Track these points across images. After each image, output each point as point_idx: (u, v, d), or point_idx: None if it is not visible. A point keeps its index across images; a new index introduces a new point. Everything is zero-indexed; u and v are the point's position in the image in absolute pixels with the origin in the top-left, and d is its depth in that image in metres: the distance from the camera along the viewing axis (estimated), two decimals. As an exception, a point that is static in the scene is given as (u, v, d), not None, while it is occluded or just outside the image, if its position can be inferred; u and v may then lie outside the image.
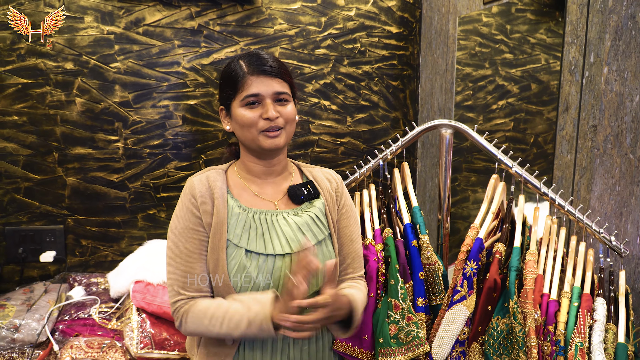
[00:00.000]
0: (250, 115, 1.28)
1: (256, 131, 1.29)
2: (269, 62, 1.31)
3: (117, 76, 2.48)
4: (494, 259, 1.38)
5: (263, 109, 1.28)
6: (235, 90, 1.30)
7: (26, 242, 2.53)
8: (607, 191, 1.67)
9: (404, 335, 1.38)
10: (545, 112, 3.13)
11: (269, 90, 1.28)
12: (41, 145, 2.46)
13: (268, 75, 1.28)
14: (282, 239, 1.29)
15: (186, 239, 1.28)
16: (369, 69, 2.78)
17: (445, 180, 1.58)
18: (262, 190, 1.37)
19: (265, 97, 1.28)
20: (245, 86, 1.28)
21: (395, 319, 1.38)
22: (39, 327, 2.19)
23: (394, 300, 1.39)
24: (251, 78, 1.28)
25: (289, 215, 1.33)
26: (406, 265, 1.45)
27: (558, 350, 1.28)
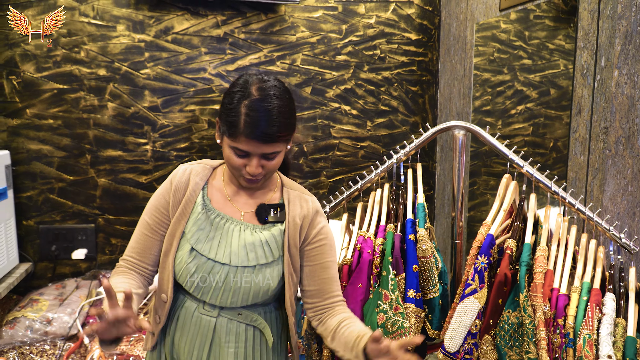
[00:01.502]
0: (236, 161, 1.27)
1: (238, 173, 1.30)
2: (265, 127, 1.23)
3: (147, 82, 2.60)
4: (504, 255, 1.43)
5: (247, 162, 1.27)
6: (229, 135, 1.26)
7: (59, 240, 2.65)
8: (620, 191, 1.71)
9: (390, 325, 1.44)
10: (564, 116, 3.15)
11: (257, 151, 1.25)
12: (75, 148, 2.58)
13: (261, 142, 1.23)
14: (227, 250, 1.31)
15: (150, 215, 1.37)
16: (388, 74, 2.85)
17: (458, 179, 1.64)
18: (235, 196, 1.39)
19: (253, 155, 1.26)
20: (238, 141, 1.24)
21: (383, 309, 1.45)
22: (70, 321, 2.30)
23: (384, 290, 1.46)
24: (245, 139, 1.23)
25: (245, 230, 1.34)
26: (399, 258, 1.51)
27: (567, 342, 1.33)
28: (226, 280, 1.31)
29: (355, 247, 1.56)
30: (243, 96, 1.25)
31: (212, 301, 1.34)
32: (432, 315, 1.52)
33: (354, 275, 1.50)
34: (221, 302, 1.34)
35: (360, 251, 1.53)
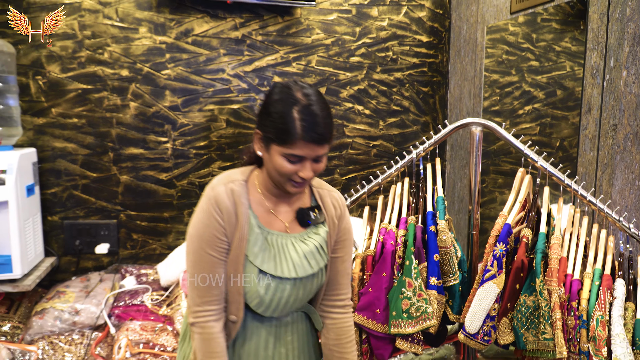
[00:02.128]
0: (289, 168, 1.28)
1: (287, 180, 1.31)
2: (321, 129, 1.27)
3: (168, 82, 2.69)
4: (521, 243, 1.52)
5: (301, 167, 1.28)
6: (281, 142, 1.26)
7: (82, 235, 2.74)
8: (628, 185, 1.80)
9: (414, 310, 1.53)
10: (570, 117, 3.24)
11: (312, 154, 1.28)
12: (98, 146, 2.67)
13: (317, 144, 1.26)
14: (290, 264, 1.34)
15: (212, 246, 1.30)
16: (400, 75, 2.94)
17: (475, 174, 1.73)
18: (277, 208, 1.39)
19: (307, 159, 1.28)
20: (294, 147, 1.25)
21: (407, 295, 1.54)
22: (97, 311, 2.38)
23: (408, 278, 1.55)
24: (302, 143, 1.25)
25: (297, 241, 1.37)
26: (421, 248, 1.60)
27: (581, 324, 1.42)
28: (292, 292, 1.35)
29: (378, 239, 1.65)
30: (291, 103, 1.26)
31: (277, 314, 1.38)
32: (453, 301, 1.61)
33: (378, 265, 1.59)
34: (285, 312, 1.39)
35: (383, 242, 1.62)
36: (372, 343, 1.61)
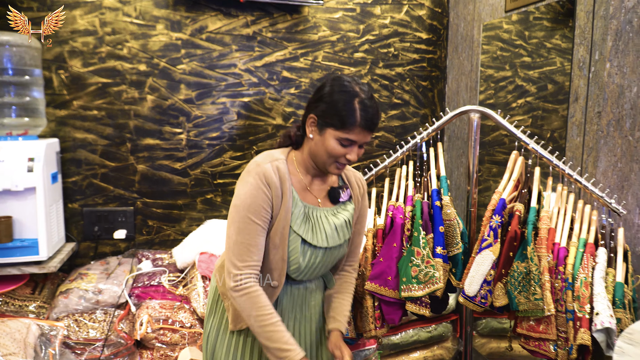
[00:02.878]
0: (339, 151, 1.45)
1: (333, 161, 1.48)
2: (377, 120, 1.46)
3: (183, 76, 2.85)
4: (514, 216, 1.69)
5: (349, 150, 1.46)
6: (340, 126, 1.42)
7: (101, 222, 2.90)
8: (610, 167, 1.98)
9: (422, 276, 1.71)
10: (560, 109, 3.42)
11: (362, 140, 1.46)
12: (116, 137, 2.83)
13: (369, 131, 1.45)
14: (324, 235, 1.53)
15: (257, 215, 1.43)
16: (401, 70, 3.12)
17: (473, 156, 1.91)
18: (312, 185, 1.57)
19: (356, 144, 1.46)
20: (352, 132, 1.42)
21: (416, 263, 1.71)
22: (119, 291, 2.54)
23: (416, 248, 1.72)
24: (359, 129, 1.42)
25: (329, 215, 1.56)
26: (428, 221, 1.78)
27: (567, 286, 1.59)
28: (322, 259, 1.54)
29: (387, 214, 1.82)
30: (353, 95, 1.43)
31: (307, 277, 1.56)
32: (456, 269, 1.78)
33: (388, 237, 1.76)
34: (312, 277, 1.58)
35: (392, 217, 1.79)
36: (383, 309, 1.78)
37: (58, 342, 2.29)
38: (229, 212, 1.48)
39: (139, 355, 2.49)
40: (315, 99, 1.49)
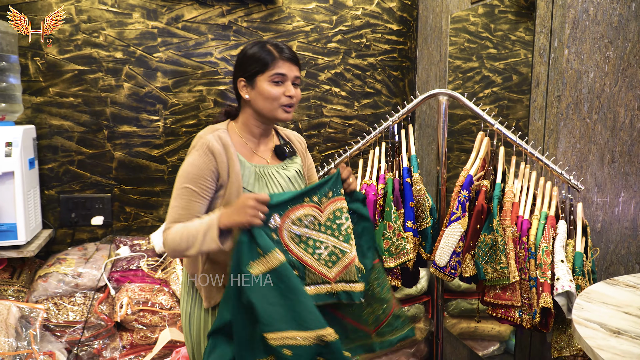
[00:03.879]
0: (277, 91, 1.56)
1: (277, 104, 1.57)
2: (292, 51, 1.61)
3: (159, 65, 2.89)
4: (481, 191, 1.81)
5: (286, 88, 1.57)
6: (265, 68, 1.55)
7: (78, 209, 2.92)
8: (570, 148, 2.11)
9: (394, 248, 1.81)
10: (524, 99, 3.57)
11: (291, 74, 1.59)
12: (93, 124, 2.86)
13: (292, 62, 1.60)
14: (280, 188, 1.63)
15: (195, 183, 1.51)
16: (373, 60, 3.22)
17: (442, 138, 2.02)
18: (258, 147, 1.66)
19: (288, 78, 1.58)
20: (276, 67, 1.56)
21: (388, 236, 1.81)
22: (98, 274, 2.58)
23: (388, 222, 1.82)
24: (281, 62, 1.56)
25: (279, 169, 1.66)
26: (399, 197, 1.88)
27: (530, 255, 1.71)
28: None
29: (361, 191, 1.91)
30: (264, 43, 1.61)
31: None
32: (425, 242, 1.89)
33: (362, 212, 1.86)
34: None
35: (365, 194, 1.89)
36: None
37: (38, 324, 2.32)
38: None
39: (119, 337, 2.54)
40: (236, 66, 1.64)
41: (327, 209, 1.55)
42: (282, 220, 1.49)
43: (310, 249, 1.52)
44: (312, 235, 1.53)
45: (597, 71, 2.11)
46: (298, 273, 1.50)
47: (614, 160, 2.18)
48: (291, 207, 1.51)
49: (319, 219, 1.54)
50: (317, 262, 1.52)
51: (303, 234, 1.52)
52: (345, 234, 1.54)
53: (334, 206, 1.56)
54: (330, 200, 1.56)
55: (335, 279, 1.52)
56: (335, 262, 1.53)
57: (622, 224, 2.23)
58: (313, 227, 1.53)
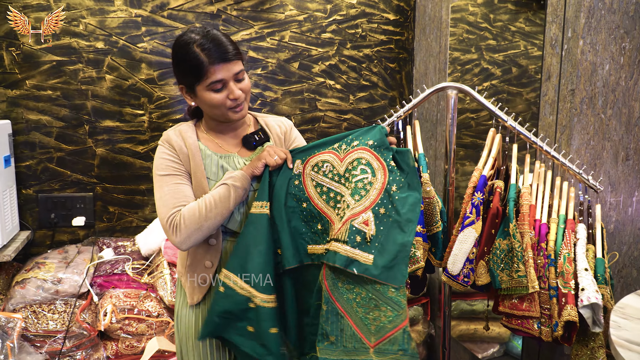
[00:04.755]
0: (219, 98, 1.45)
1: (225, 109, 1.47)
2: (227, 47, 1.43)
3: (144, 55, 2.72)
4: (495, 193, 1.68)
5: (228, 91, 1.45)
6: (199, 78, 1.43)
7: (58, 209, 2.74)
8: (584, 145, 1.99)
9: None
10: (524, 93, 3.47)
11: (230, 74, 1.44)
12: (73, 118, 2.68)
13: (226, 62, 1.43)
14: None
15: (171, 170, 1.49)
16: (369, 52, 3.07)
17: (450, 134, 1.88)
18: (224, 141, 1.58)
19: (228, 80, 1.45)
20: (209, 74, 1.41)
21: None
22: (80, 280, 2.41)
23: None
24: (213, 67, 1.40)
25: (248, 161, 1.55)
26: None
27: (549, 262, 1.59)
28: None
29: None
30: (187, 44, 1.44)
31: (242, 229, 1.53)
32: (436, 248, 1.76)
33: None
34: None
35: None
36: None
37: (16, 335, 2.15)
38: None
39: (103, 347, 2.38)
40: (173, 70, 1.54)
41: (347, 158, 1.47)
42: (304, 165, 1.49)
43: (332, 202, 1.47)
44: (333, 186, 1.47)
45: (613, 63, 1.99)
46: (321, 226, 1.48)
47: (628, 157, 2.07)
48: (316, 153, 1.50)
49: (337, 168, 1.47)
50: (336, 216, 1.45)
51: (324, 183, 1.48)
52: (354, 187, 1.44)
53: (353, 155, 1.47)
54: (353, 149, 1.48)
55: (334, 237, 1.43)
56: (342, 217, 1.43)
57: (636, 225, 2.13)
58: (332, 176, 1.47)
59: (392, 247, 1.39)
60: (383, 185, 1.44)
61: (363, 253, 1.39)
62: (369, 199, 1.43)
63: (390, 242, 1.40)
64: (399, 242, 1.39)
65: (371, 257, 1.39)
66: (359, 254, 1.39)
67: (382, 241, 1.41)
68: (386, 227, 1.41)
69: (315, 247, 1.49)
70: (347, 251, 1.38)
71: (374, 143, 1.47)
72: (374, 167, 1.45)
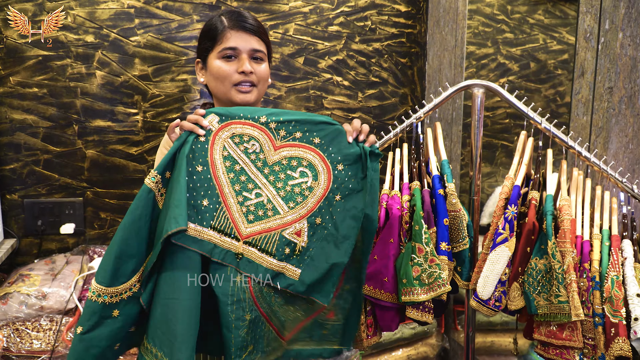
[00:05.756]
0: (226, 68, 1.35)
1: (229, 84, 1.36)
2: (249, 19, 1.39)
3: (137, 50, 2.52)
4: (530, 205, 1.48)
5: (239, 63, 1.35)
6: (214, 43, 1.36)
7: (45, 215, 2.56)
8: (622, 149, 1.80)
9: (426, 277, 1.47)
10: (543, 89, 3.28)
11: (246, 46, 1.35)
12: (61, 118, 2.49)
13: (247, 32, 1.36)
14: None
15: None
16: (379, 46, 2.87)
17: (477, 138, 1.68)
18: None
19: (242, 52, 1.35)
20: (224, 39, 1.35)
21: (418, 262, 1.47)
22: (67, 295, 2.23)
23: (418, 244, 1.48)
24: (230, 32, 1.35)
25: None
26: (430, 212, 1.54)
27: (594, 286, 1.40)
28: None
29: (381, 205, 1.57)
30: (217, 15, 1.41)
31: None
32: (462, 267, 1.56)
33: (384, 231, 1.52)
34: None
35: (387, 208, 1.55)
36: (377, 315, 1.54)
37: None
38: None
39: (92, 368, 2.19)
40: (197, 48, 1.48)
41: (284, 150, 1.29)
42: (223, 126, 1.26)
43: (238, 186, 1.26)
44: (249, 170, 1.27)
45: (655, 58, 1.79)
46: (207, 202, 1.23)
47: (670, 162, 1.88)
48: (240, 119, 1.27)
49: (266, 154, 1.28)
50: (237, 205, 1.26)
51: (240, 162, 1.26)
52: (289, 190, 1.28)
53: (293, 152, 1.29)
54: (294, 143, 1.29)
55: (245, 238, 1.25)
56: (259, 219, 1.27)
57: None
58: (255, 160, 1.27)
59: (322, 264, 1.28)
60: (325, 192, 1.30)
61: (291, 266, 1.28)
62: (306, 207, 1.29)
63: (322, 258, 1.29)
64: (332, 261, 1.28)
65: (298, 272, 1.28)
66: (286, 267, 1.28)
67: (313, 255, 1.29)
68: (320, 240, 1.29)
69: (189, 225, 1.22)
70: (273, 264, 1.27)
71: (321, 142, 1.30)
72: (317, 169, 1.30)
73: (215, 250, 1.24)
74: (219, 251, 1.24)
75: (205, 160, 1.24)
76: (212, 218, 1.24)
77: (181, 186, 1.19)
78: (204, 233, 1.23)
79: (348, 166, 1.33)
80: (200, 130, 1.23)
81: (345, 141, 1.33)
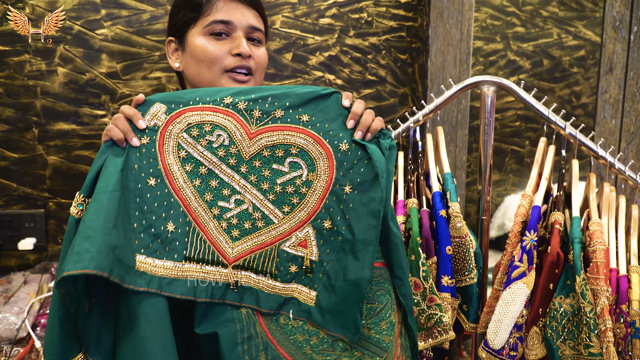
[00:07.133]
0: (214, 49, 1.04)
1: (219, 69, 1.06)
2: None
3: (104, 44, 2.26)
4: (553, 230, 1.20)
5: (233, 43, 1.05)
6: (198, 13, 1.07)
7: (2, 229, 2.31)
8: (660, 159, 1.52)
9: (424, 319, 1.19)
10: (557, 89, 3.00)
11: (243, 21, 1.06)
12: (19, 120, 2.24)
13: (243, 3, 1.06)
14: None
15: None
16: (376, 40, 2.59)
17: (486, 145, 1.41)
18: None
19: (238, 28, 1.06)
20: (213, 9, 1.05)
21: (415, 301, 1.19)
22: (18, 322, 1.97)
23: (414, 278, 1.20)
24: (221, 2, 1.06)
25: None
26: (430, 239, 1.26)
27: (633, 333, 1.12)
28: None
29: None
30: None
31: None
32: (469, 306, 1.28)
33: (373, 262, 1.24)
34: None
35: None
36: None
37: None
38: None
39: (44, 407, 1.93)
40: (168, 23, 1.22)
41: (262, 138, 0.97)
42: (172, 118, 0.95)
43: (209, 195, 0.96)
44: (219, 171, 0.96)
45: (699, 51, 1.51)
46: (173, 226, 0.94)
47: None
48: (196, 105, 0.95)
49: (240, 145, 0.97)
50: (214, 220, 0.95)
51: (204, 162, 0.96)
52: (279, 191, 0.97)
53: (277, 138, 0.98)
54: (275, 126, 0.97)
55: (233, 262, 0.94)
56: (246, 233, 0.96)
57: None
58: (225, 155, 0.96)
59: (340, 282, 0.92)
60: (328, 183, 0.98)
61: (303, 288, 0.95)
62: (307, 208, 0.97)
63: (340, 274, 0.93)
64: (351, 277, 0.92)
65: (314, 294, 0.94)
66: (297, 289, 0.95)
67: (329, 271, 0.94)
68: (335, 250, 0.95)
69: (149, 262, 0.93)
70: (277, 288, 0.95)
71: (311, 118, 0.99)
72: (312, 156, 0.98)
73: (199, 288, 0.94)
74: (203, 288, 0.94)
75: (157, 170, 0.96)
76: (184, 247, 0.95)
77: (101, 207, 0.91)
78: (177, 270, 0.93)
79: (356, 143, 1.03)
80: (134, 140, 0.95)
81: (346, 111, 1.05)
